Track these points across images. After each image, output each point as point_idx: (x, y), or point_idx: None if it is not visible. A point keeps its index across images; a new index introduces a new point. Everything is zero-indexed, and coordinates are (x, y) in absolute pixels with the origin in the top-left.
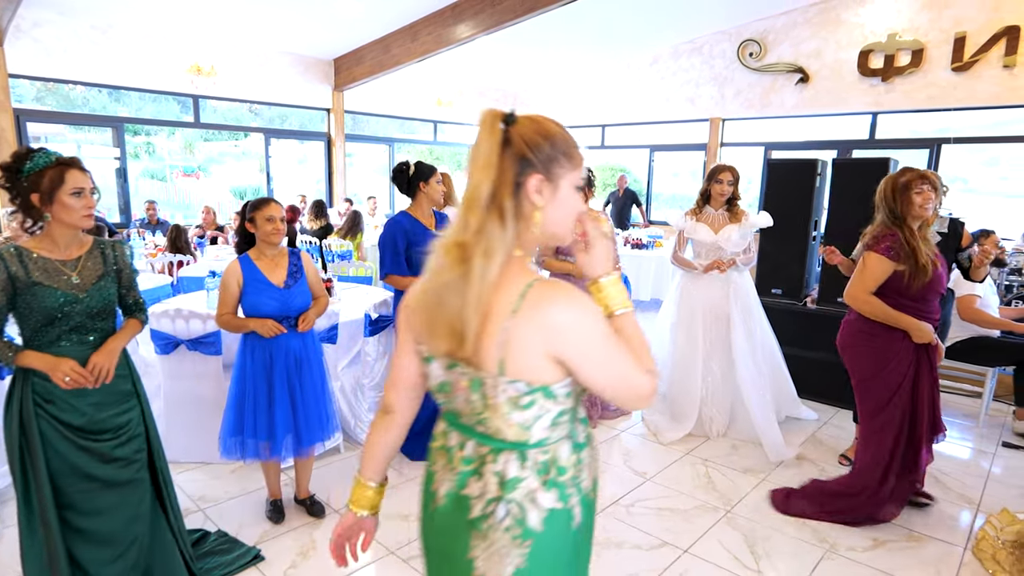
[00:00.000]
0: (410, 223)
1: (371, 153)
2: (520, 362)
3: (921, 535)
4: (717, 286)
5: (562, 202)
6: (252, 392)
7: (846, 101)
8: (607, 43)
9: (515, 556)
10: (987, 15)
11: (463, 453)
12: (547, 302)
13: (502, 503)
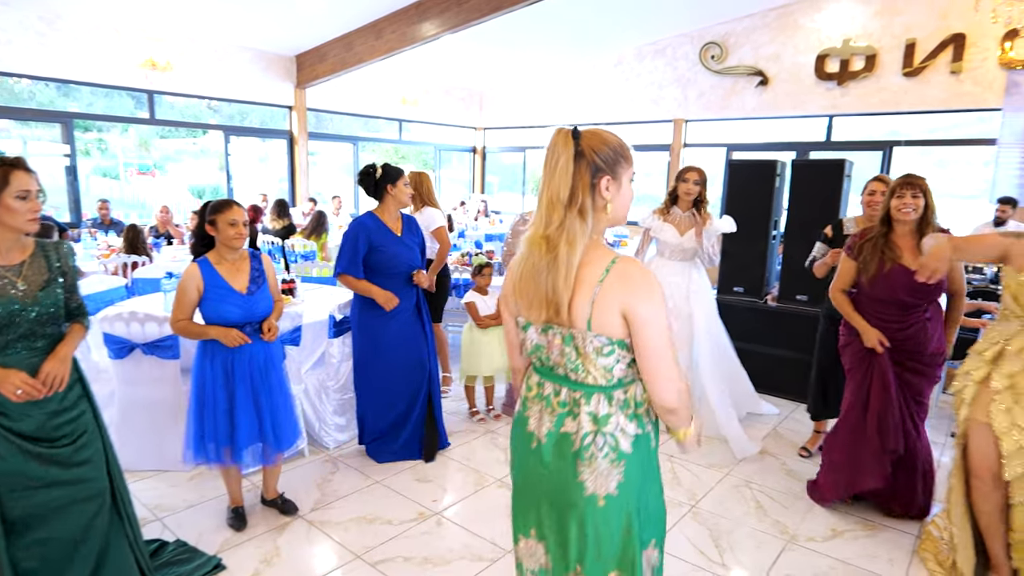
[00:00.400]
0: (375, 225)
1: (335, 152)
2: (603, 320)
3: (876, 524)
4: (679, 285)
5: (624, 193)
6: (212, 398)
7: (804, 104)
8: (572, 44)
9: (615, 474)
10: (936, 23)
11: (559, 398)
12: (628, 273)
13: (599, 435)
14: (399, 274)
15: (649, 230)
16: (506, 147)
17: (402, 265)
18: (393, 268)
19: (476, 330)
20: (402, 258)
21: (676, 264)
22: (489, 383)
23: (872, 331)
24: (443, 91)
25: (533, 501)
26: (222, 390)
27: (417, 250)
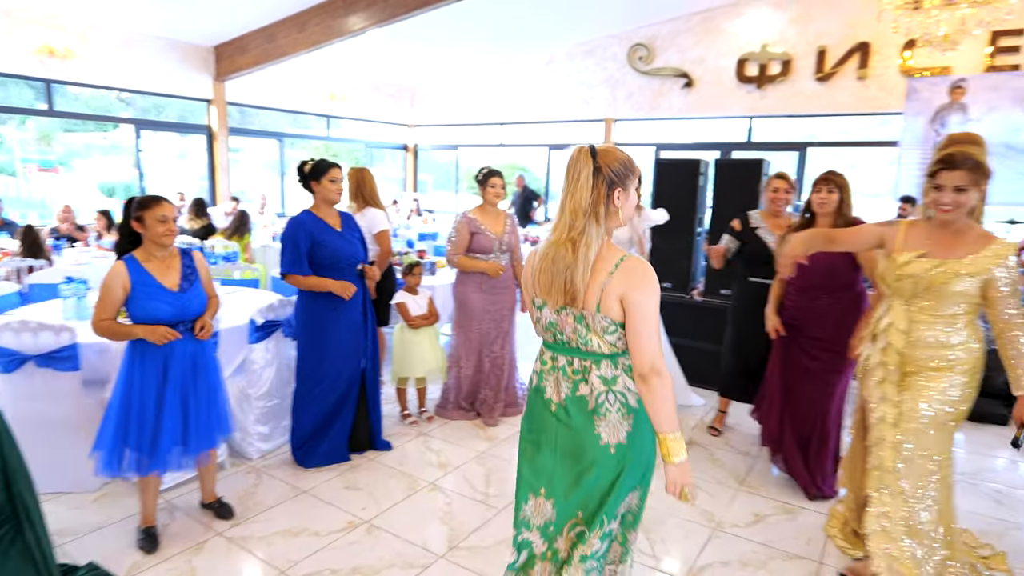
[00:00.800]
0: (313, 222)
1: (261, 148)
2: (608, 305)
3: (796, 507)
4: None
5: (630, 199)
6: (139, 402)
7: (726, 106)
8: (504, 42)
9: (625, 425)
10: (844, 31)
11: (572, 367)
12: (632, 268)
13: (610, 393)
14: (344, 268)
15: None
16: (439, 145)
17: (346, 259)
18: (337, 262)
19: (407, 331)
20: (345, 252)
21: None
22: (421, 384)
23: (772, 318)
24: (373, 87)
25: (549, 460)
26: (151, 393)
27: (359, 244)
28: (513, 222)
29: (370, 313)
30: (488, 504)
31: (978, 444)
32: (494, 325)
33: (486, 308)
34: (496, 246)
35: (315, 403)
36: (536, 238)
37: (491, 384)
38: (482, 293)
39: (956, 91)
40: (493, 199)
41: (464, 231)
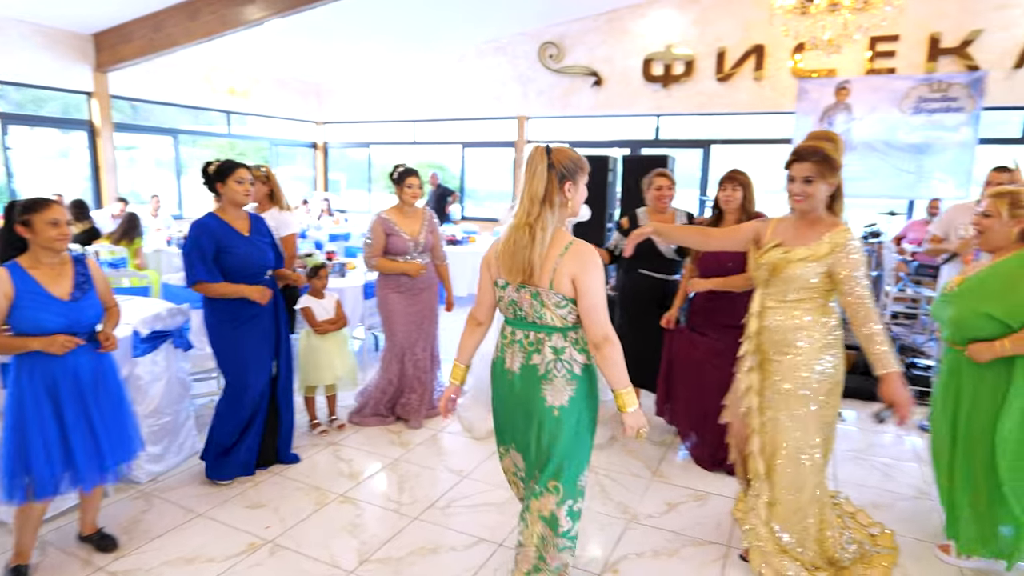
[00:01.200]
0: (218, 225)
1: (157, 146)
2: (560, 282)
3: (705, 493)
4: None
5: (580, 192)
6: (37, 421)
7: (634, 104)
8: (414, 39)
9: (568, 391)
10: (741, 34)
11: (528, 340)
12: (580, 252)
13: (558, 362)
14: (253, 275)
15: (503, 223)
16: (350, 143)
17: (254, 266)
18: (246, 269)
19: (314, 336)
20: (254, 258)
21: None
22: (331, 392)
23: (674, 309)
24: (277, 83)
25: (510, 421)
26: (47, 409)
27: (269, 250)
28: (432, 221)
29: (283, 320)
30: (401, 513)
31: (868, 421)
32: (415, 326)
33: (406, 310)
34: (412, 247)
35: (242, 411)
36: (452, 236)
37: (415, 387)
38: (401, 294)
39: (841, 92)
40: (410, 199)
41: (379, 233)
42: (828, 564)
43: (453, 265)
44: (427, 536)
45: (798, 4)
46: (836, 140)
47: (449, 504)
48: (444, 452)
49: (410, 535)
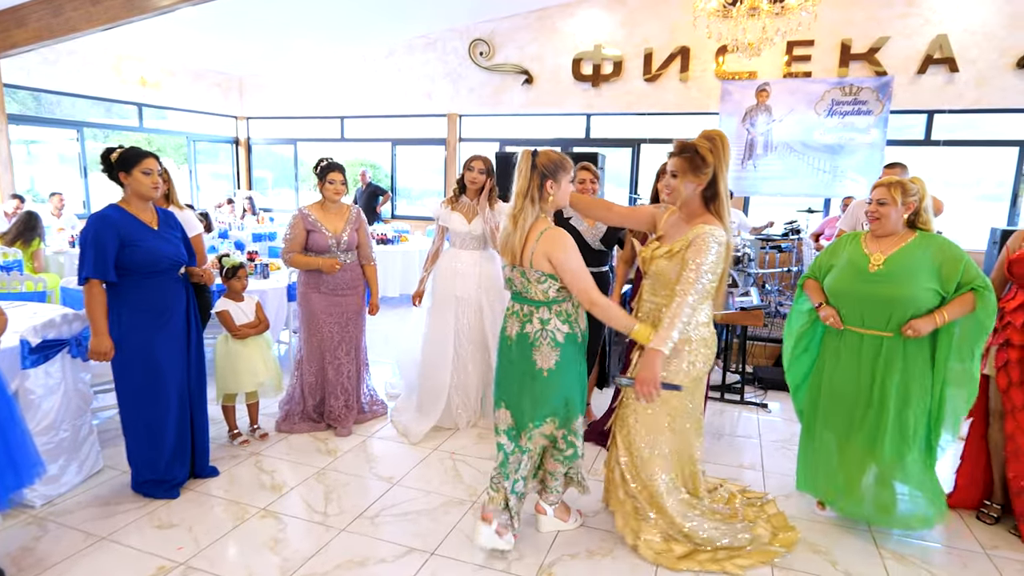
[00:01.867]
0: (122, 217)
1: (61, 140)
2: (538, 262)
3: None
4: (470, 275)
5: (563, 189)
6: None
7: (564, 103)
8: (340, 32)
9: (554, 355)
10: (667, 36)
11: (523, 311)
12: (551, 237)
13: (544, 332)
14: (163, 272)
15: (439, 220)
16: (275, 139)
17: (165, 261)
18: (155, 265)
19: (233, 342)
20: (163, 252)
21: (467, 253)
22: (252, 399)
23: (615, 297)
24: (193, 75)
25: (506, 381)
26: None
27: (180, 245)
28: (358, 219)
29: (195, 322)
30: (327, 525)
31: (789, 411)
32: (338, 329)
33: (328, 310)
34: (333, 245)
35: (152, 432)
36: (383, 235)
37: (337, 393)
38: (322, 294)
39: (761, 94)
40: (332, 195)
41: (299, 228)
42: (684, 538)
43: (384, 265)
44: (355, 548)
45: (720, 8)
46: (716, 140)
47: (378, 513)
48: (374, 459)
49: (336, 548)
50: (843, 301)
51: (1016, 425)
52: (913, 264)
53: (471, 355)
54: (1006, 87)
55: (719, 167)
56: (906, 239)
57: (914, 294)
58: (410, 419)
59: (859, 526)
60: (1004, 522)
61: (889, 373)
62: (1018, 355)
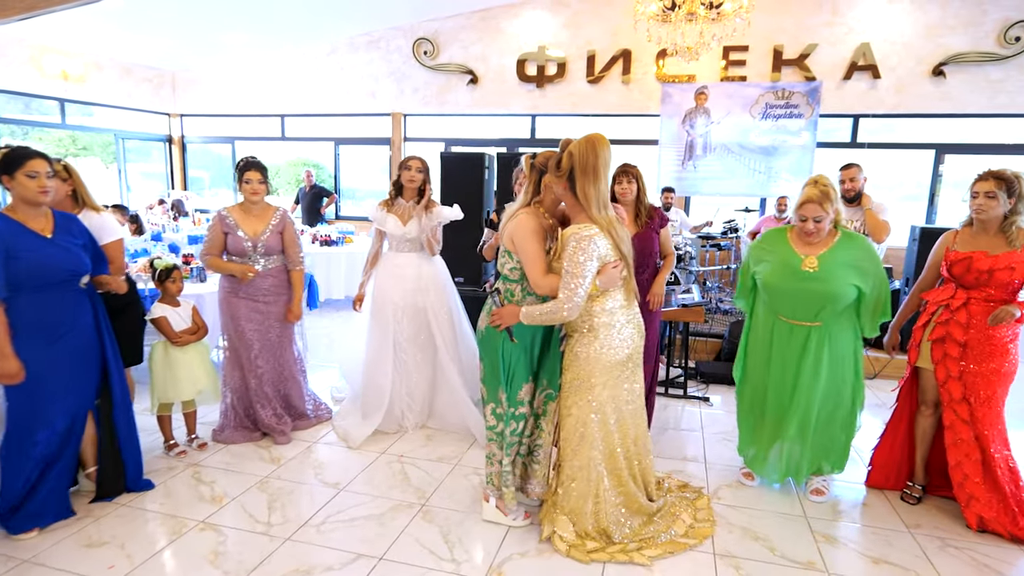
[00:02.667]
0: (6, 226)
1: None
2: (506, 242)
3: None
4: (409, 277)
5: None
6: None
7: (509, 103)
8: (278, 29)
9: (487, 320)
10: (609, 38)
11: (501, 283)
12: (516, 222)
13: (492, 296)
14: (59, 284)
15: (375, 222)
16: (212, 137)
17: (61, 272)
18: (48, 277)
19: (172, 349)
20: (58, 262)
21: (405, 256)
22: (189, 408)
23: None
24: (122, 69)
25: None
26: None
27: (82, 252)
28: (283, 222)
29: (106, 333)
30: (271, 535)
31: (731, 404)
32: (258, 336)
33: (249, 316)
34: (250, 248)
35: (36, 451)
36: (327, 236)
37: (263, 403)
38: (242, 299)
39: (700, 97)
40: (249, 196)
41: (216, 230)
42: (599, 534)
43: (329, 266)
44: (300, 558)
45: (660, 12)
46: (584, 144)
47: (324, 520)
48: (320, 465)
49: (280, 559)
50: (777, 296)
51: (956, 416)
52: (840, 263)
53: (414, 358)
54: (923, 93)
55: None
56: (833, 239)
57: (842, 290)
58: (352, 423)
59: (795, 511)
60: (925, 502)
61: (818, 358)
62: (957, 351)
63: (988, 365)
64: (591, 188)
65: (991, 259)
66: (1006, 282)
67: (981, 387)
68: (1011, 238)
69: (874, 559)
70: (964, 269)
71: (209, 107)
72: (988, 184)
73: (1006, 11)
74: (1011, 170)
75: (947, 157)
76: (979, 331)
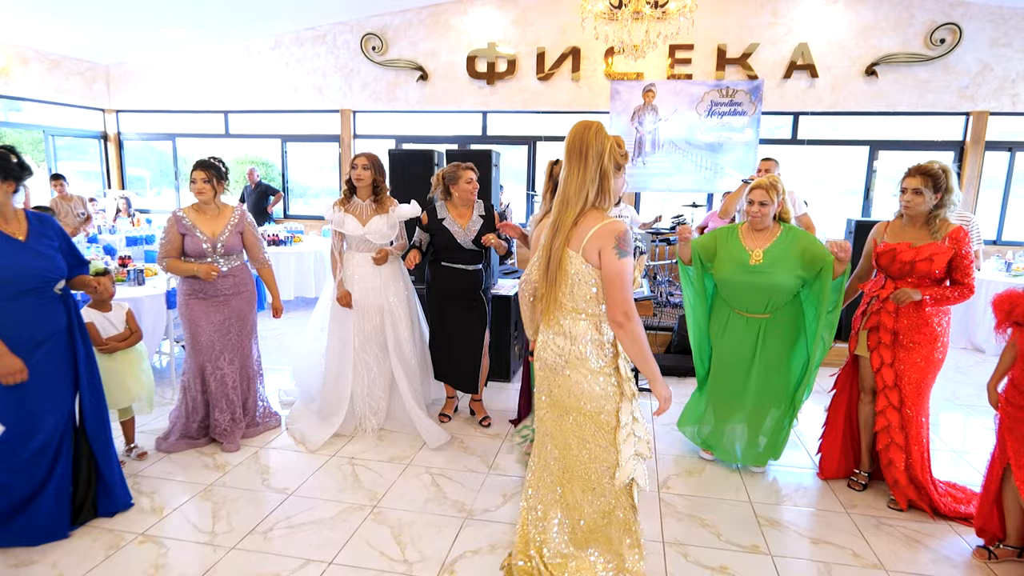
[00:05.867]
0: None
1: None
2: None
3: None
4: (370, 277)
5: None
6: None
7: (460, 100)
8: (219, 22)
9: None
10: (558, 36)
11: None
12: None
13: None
14: (31, 291)
15: (332, 223)
16: (151, 134)
17: (32, 279)
18: (20, 283)
19: (101, 356)
20: (29, 268)
21: (363, 256)
22: (127, 416)
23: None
24: (50, 62)
25: None
26: None
27: (57, 256)
28: (242, 221)
29: (81, 341)
30: (215, 544)
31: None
32: (219, 336)
33: (208, 316)
34: (209, 249)
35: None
36: (275, 236)
37: (222, 406)
38: (203, 300)
39: (648, 94)
40: (196, 195)
41: (173, 232)
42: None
43: (276, 267)
44: (246, 567)
45: (607, 10)
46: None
47: (272, 527)
48: (268, 470)
49: (225, 568)
50: (730, 289)
51: (888, 402)
52: (784, 255)
53: (376, 358)
54: (857, 92)
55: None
56: (776, 233)
57: (787, 282)
58: (309, 426)
59: (741, 497)
60: (871, 487)
61: (769, 346)
62: (889, 338)
63: (918, 352)
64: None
65: (913, 250)
66: (926, 272)
67: (911, 373)
68: (934, 230)
69: (814, 539)
70: (889, 260)
71: (147, 103)
72: (915, 181)
73: (932, 14)
74: (938, 164)
75: (881, 153)
76: (907, 319)
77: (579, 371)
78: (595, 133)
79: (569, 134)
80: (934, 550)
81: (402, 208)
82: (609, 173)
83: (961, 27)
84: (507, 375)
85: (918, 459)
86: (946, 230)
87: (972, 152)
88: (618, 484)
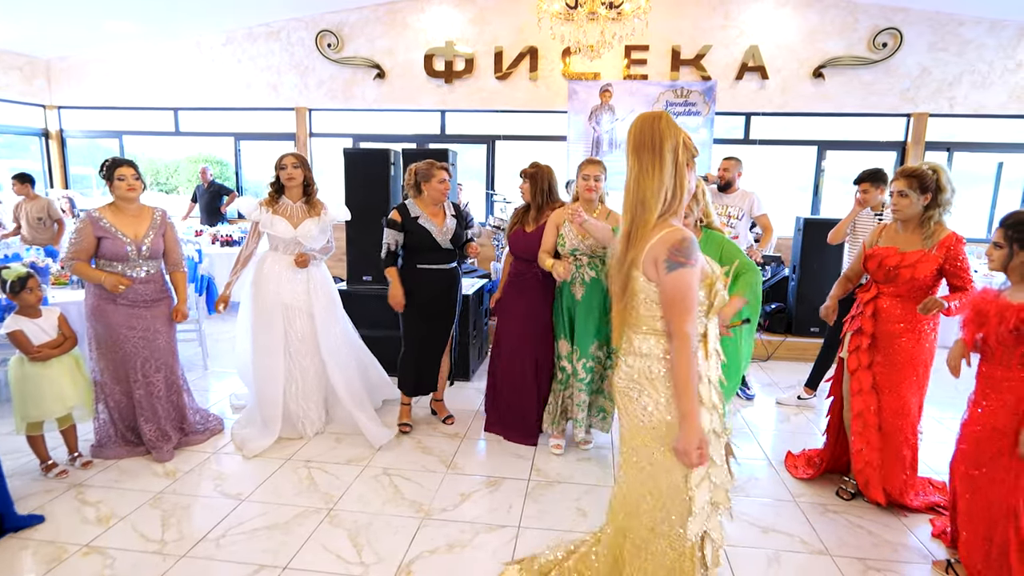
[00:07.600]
0: None
1: None
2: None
3: (498, 478)
4: (297, 281)
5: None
6: None
7: (417, 99)
8: (166, 16)
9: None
10: (515, 35)
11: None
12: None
13: None
14: None
15: (258, 224)
16: (96, 132)
17: None
18: None
19: (31, 364)
20: None
21: (290, 258)
22: (67, 424)
23: (499, 292)
24: None
25: None
26: None
27: None
28: (164, 223)
29: None
30: (164, 553)
31: None
32: (144, 344)
33: (130, 324)
34: (133, 252)
35: None
36: (228, 236)
37: (148, 416)
38: (120, 306)
39: (604, 94)
40: (126, 193)
41: (87, 234)
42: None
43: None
44: (196, 575)
45: (563, 10)
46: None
47: (224, 533)
48: (220, 476)
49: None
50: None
51: (864, 404)
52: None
53: (310, 361)
54: (805, 94)
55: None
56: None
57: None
58: (251, 433)
59: None
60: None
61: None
62: (868, 341)
63: (894, 358)
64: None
65: (899, 256)
66: (908, 279)
67: (887, 377)
68: (927, 235)
69: (764, 529)
70: (875, 265)
71: (92, 99)
72: (899, 183)
73: (874, 19)
74: (928, 164)
75: (828, 153)
76: (886, 325)
77: (649, 394)
78: (667, 123)
79: (635, 127)
80: (876, 535)
81: (333, 211)
82: (684, 169)
83: (902, 32)
84: (467, 374)
85: (896, 462)
86: (938, 237)
87: (913, 152)
88: (690, 536)
